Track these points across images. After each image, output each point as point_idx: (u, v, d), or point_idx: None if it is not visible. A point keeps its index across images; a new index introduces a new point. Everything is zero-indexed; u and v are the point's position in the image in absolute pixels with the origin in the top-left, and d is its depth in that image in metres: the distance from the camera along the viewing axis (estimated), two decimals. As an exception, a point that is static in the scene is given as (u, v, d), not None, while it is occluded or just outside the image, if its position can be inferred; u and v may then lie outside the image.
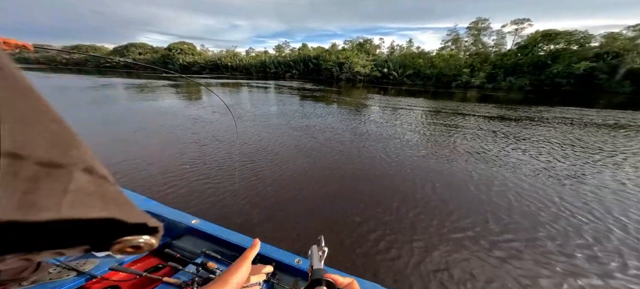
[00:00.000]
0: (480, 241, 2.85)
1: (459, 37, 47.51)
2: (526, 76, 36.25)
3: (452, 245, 2.77)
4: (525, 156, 6.06)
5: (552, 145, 7.06)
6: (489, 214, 3.39)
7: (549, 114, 12.57)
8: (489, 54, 43.27)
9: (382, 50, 57.05)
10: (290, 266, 1.27)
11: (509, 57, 39.37)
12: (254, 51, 76.32)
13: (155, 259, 1.48)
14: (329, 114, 10.73)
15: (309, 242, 0.69)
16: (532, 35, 38.70)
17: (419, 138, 7.29)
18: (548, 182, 4.52)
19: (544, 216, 3.42)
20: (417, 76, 44.83)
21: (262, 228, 2.99)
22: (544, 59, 35.52)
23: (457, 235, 2.94)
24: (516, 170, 5.05)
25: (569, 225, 3.24)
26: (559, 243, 2.88)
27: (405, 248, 2.70)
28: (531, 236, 3.00)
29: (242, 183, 4.10)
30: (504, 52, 41.97)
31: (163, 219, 1.59)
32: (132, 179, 4.10)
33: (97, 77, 32.41)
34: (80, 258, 1.33)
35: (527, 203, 3.75)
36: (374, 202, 3.58)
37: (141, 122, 8.23)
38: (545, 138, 7.81)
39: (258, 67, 63.37)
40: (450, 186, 4.21)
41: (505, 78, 37.63)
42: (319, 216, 3.25)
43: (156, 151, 5.47)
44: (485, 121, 10.25)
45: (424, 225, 3.11)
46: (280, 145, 6.21)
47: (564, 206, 3.70)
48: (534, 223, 3.25)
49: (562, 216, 3.46)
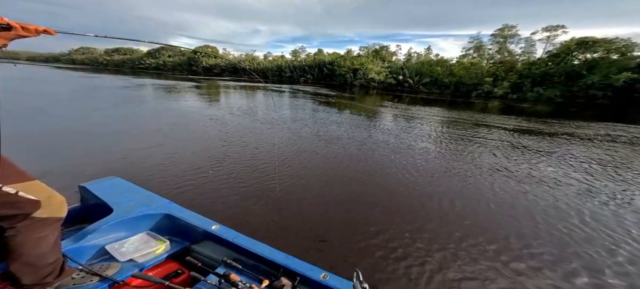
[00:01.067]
0: (501, 258, 2.64)
1: (482, 44, 45.19)
2: (557, 86, 33.34)
3: (469, 260, 2.60)
4: (558, 174, 5.30)
5: (591, 164, 6.13)
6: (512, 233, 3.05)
7: (587, 131, 11.00)
8: (516, 63, 40.56)
9: (399, 58, 55.75)
10: (316, 281, 1.17)
11: (538, 65, 36.60)
12: (271, 55, 78.16)
13: (175, 264, 1.45)
14: (346, 123, 10.31)
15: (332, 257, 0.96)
16: (565, 43, 35.74)
17: (439, 150, 6.70)
18: (583, 204, 3.94)
19: (576, 240, 3.02)
20: (433, 84, 43.06)
21: (285, 235, 2.84)
22: (579, 68, 32.51)
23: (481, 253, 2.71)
24: (551, 189, 4.46)
25: (604, 250, 2.86)
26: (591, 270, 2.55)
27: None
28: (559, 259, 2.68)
29: (274, 191, 3.88)
30: (532, 61, 39.16)
31: (182, 222, 1.58)
32: (162, 182, 3.92)
33: (132, 77, 34.59)
34: (102, 262, 1.32)
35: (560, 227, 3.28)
36: (406, 216, 3.32)
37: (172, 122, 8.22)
38: (582, 156, 6.81)
39: (274, 71, 64.70)
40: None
41: (532, 88, 34.92)
42: (339, 226, 3.10)
43: (183, 154, 5.28)
44: (515, 135, 9.19)
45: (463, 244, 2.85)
46: (310, 153, 5.87)
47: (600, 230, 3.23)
48: (563, 247, 2.87)
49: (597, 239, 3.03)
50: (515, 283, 2.36)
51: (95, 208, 1.69)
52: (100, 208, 1.64)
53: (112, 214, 1.55)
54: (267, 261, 1.31)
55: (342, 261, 2.51)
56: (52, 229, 1.01)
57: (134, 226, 1.57)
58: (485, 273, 2.45)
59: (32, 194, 0.94)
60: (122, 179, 2.06)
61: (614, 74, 28.38)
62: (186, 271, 1.38)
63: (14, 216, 0.90)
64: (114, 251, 1.36)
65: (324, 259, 2.51)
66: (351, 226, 3.09)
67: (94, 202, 1.75)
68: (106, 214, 1.54)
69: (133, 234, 1.54)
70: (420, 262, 2.55)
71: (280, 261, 1.27)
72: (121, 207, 1.62)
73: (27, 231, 0.93)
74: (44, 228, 0.98)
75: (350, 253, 2.62)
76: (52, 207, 0.99)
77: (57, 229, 1.04)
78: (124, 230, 1.54)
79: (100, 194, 1.74)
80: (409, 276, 2.37)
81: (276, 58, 73.72)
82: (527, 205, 3.83)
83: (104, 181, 1.97)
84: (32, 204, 0.93)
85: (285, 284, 1.15)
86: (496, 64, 41.57)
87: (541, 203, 3.93)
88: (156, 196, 1.85)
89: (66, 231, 1.59)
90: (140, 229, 1.58)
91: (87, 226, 1.44)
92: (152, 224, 1.63)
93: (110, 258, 1.35)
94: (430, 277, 2.37)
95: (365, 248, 2.71)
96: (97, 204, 1.71)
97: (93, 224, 1.45)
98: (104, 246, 1.40)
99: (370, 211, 3.43)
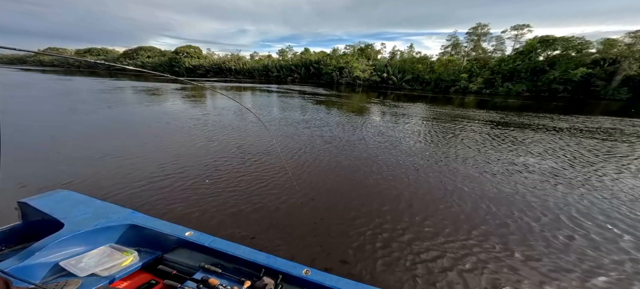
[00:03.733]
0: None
1: (458, 42, 48.10)
2: (523, 81, 36.56)
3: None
4: (528, 160, 6.49)
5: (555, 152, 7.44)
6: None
7: (547, 122, 12.97)
8: (489, 60, 43.76)
9: (384, 55, 57.89)
10: (298, 277, 1.22)
11: (506, 62, 39.79)
12: (258, 55, 78.03)
13: (147, 274, 1.40)
14: (335, 117, 10.90)
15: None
16: (530, 41, 39.13)
17: (416, 144, 7.71)
18: (550, 189, 4.83)
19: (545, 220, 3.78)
20: (416, 80, 45.35)
21: (267, 236, 2.93)
22: (542, 64, 35.92)
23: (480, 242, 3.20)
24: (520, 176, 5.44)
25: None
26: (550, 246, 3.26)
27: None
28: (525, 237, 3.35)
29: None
30: (501, 58, 42.40)
31: (150, 232, 1.51)
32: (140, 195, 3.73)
33: (109, 79, 33.53)
34: (59, 279, 1.22)
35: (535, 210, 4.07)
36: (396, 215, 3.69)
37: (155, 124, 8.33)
38: (545, 145, 8.27)
39: (261, 70, 64.55)
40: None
41: (502, 84, 38.03)
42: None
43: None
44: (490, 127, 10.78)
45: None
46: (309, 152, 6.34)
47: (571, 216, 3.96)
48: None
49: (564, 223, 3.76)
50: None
51: (42, 225, 1.56)
52: (47, 224, 1.52)
53: (62, 229, 1.43)
54: (247, 263, 1.31)
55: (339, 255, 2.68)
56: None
57: (91, 240, 1.46)
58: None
59: None
60: (72, 191, 1.91)
61: (572, 69, 31.81)
62: (160, 280, 1.34)
63: None
64: (70, 267, 1.26)
65: (322, 255, 2.65)
66: (344, 219, 3.37)
67: (39, 219, 1.60)
68: (56, 230, 1.42)
69: (92, 248, 1.44)
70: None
71: (261, 262, 1.28)
72: (74, 221, 1.50)
73: None
74: None
75: (345, 246, 2.84)
76: None
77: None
78: (79, 245, 1.42)
79: (46, 210, 1.58)
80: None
81: (263, 58, 73.70)
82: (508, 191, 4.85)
83: (49, 194, 1.80)
84: None
85: (267, 283, 1.16)
86: (471, 61, 44.51)
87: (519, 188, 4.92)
88: (116, 206, 1.75)
89: (8, 252, 1.46)
90: (100, 242, 1.49)
91: (33, 244, 1.31)
92: (116, 236, 1.55)
93: (67, 274, 1.25)
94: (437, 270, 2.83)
95: (359, 242, 2.94)
96: (44, 220, 1.56)
97: (40, 241, 1.32)
98: (58, 262, 1.30)
99: (367, 204, 3.82)
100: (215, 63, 73.28)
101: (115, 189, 3.87)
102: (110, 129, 7.87)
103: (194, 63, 73.78)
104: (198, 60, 75.84)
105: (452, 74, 42.27)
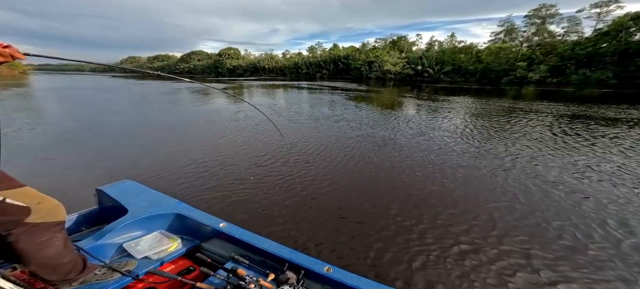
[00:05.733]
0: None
1: (514, 27, 40.85)
2: (608, 67, 28.63)
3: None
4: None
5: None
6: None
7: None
8: (557, 44, 35.81)
9: (420, 47, 52.86)
10: (320, 274, 1.24)
11: (583, 45, 31.86)
12: (289, 53, 79.13)
13: (187, 261, 1.57)
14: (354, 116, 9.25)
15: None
16: (619, 19, 30.64)
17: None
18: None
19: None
20: (456, 72, 39.94)
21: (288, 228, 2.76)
22: (637, 46, 27.56)
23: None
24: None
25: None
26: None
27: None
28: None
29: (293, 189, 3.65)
30: (575, 41, 34.28)
31: (192, 222, 1.71)
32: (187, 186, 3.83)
33: (169, 82, 36.12)
34: (121, 259, 1.46)
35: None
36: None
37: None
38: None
39: (291, 68, 65.71)
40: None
41: (576, 70, 30.47)
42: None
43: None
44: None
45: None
46: (326, 151, 5.37)
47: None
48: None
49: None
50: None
51: (112, 209, 1.84)
52: (116, 209, 1.79)
53: (126, 214, 1.68)
54: (273, 256, 1.39)
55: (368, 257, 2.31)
56: (52, 233, 1.04)
57: (147, 225, 1.70)
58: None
59: (21, 200, 0.96)
60: (135, 181, 2.23)
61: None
62: (197, 267, 1.47)
63: (5, 223, 0.93)
64: (130, 249, 1.48)
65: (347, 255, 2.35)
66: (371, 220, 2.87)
67: (110, 205, 1.91)
68: (122, 214, 1.68)
69: (147, 233, 1.66)
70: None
71: (285, 256, 1.35)
72: (135, 208, 1.75)
73: (26, 237, 0.96)
74: (43, 233, 1.01)
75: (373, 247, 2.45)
76: (43, 213, 1.01)
77: (59, 232, 1.07)
78: (138, 229, 1.67)
79: (115, 196, 1.89)
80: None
81: (294, 55, 74.63)
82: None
83: (118, 184, 2.13)
84: (21, 211, 0.96)
85: (290, 277, 1.21)
86: (533, 47, 37.17)
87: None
88: (167, 196, 1.98)
89: (87, 232, 1.79)
90: (153, 228, 1.70)
91: (105, 226, 1.59)
92: (164, 223, 1.76)
93: (127, 255, 1.47)
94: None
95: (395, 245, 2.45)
96: (113, 206, 1.86)
97: (110, 224, 1.59)
98: (122, 244, 1.53)
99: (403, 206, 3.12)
100: (251, 63, 77.68)
101: (167, 181, 4.03)
102: (174, 124, 8.05)
103: (234, 64, 79.49)
104: (237, 60, 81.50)
105: (504, 63, 35.91)
